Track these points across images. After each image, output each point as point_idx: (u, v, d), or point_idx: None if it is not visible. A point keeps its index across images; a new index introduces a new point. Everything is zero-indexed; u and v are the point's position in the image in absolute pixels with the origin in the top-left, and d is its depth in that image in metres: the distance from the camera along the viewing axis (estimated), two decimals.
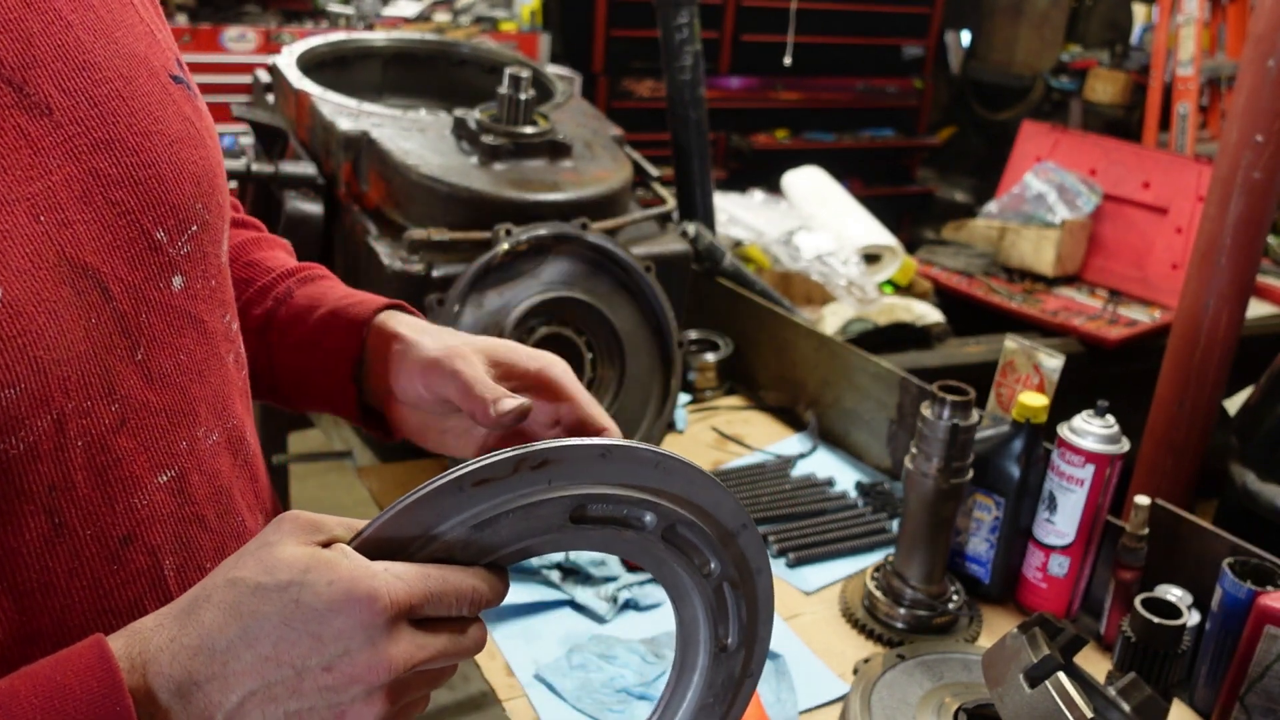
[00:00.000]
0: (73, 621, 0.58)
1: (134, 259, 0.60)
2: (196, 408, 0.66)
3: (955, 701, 1.02)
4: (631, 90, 5.00)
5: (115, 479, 0.60)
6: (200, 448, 0.67)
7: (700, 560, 0.66)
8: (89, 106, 0.58)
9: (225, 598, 0.54)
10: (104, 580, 0.60)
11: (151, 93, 0.63)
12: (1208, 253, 1.95)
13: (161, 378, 0.63)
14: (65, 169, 0.56)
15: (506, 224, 1.41)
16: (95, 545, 0.59)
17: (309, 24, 4.44)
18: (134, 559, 0.61)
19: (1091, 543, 1.26)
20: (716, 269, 1.93)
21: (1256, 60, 1.86)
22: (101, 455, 0.59)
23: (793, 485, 1.56)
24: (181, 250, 0.64)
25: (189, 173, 0.64)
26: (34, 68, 0.55)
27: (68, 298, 0.56)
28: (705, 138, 2.08)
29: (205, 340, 0.67)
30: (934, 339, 2.56)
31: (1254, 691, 1.07)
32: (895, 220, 3.62)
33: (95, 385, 0.58)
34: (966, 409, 1.20)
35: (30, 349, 0.53)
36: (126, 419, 0.60)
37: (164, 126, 0.63)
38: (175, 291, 0.64)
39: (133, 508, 0.61)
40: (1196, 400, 2.01)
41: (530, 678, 1.16)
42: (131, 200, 0.60)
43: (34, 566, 0.56)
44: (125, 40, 0.62)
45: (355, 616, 0.53)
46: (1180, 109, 3.52)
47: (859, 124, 5.76)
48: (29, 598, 0.56)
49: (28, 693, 0.50)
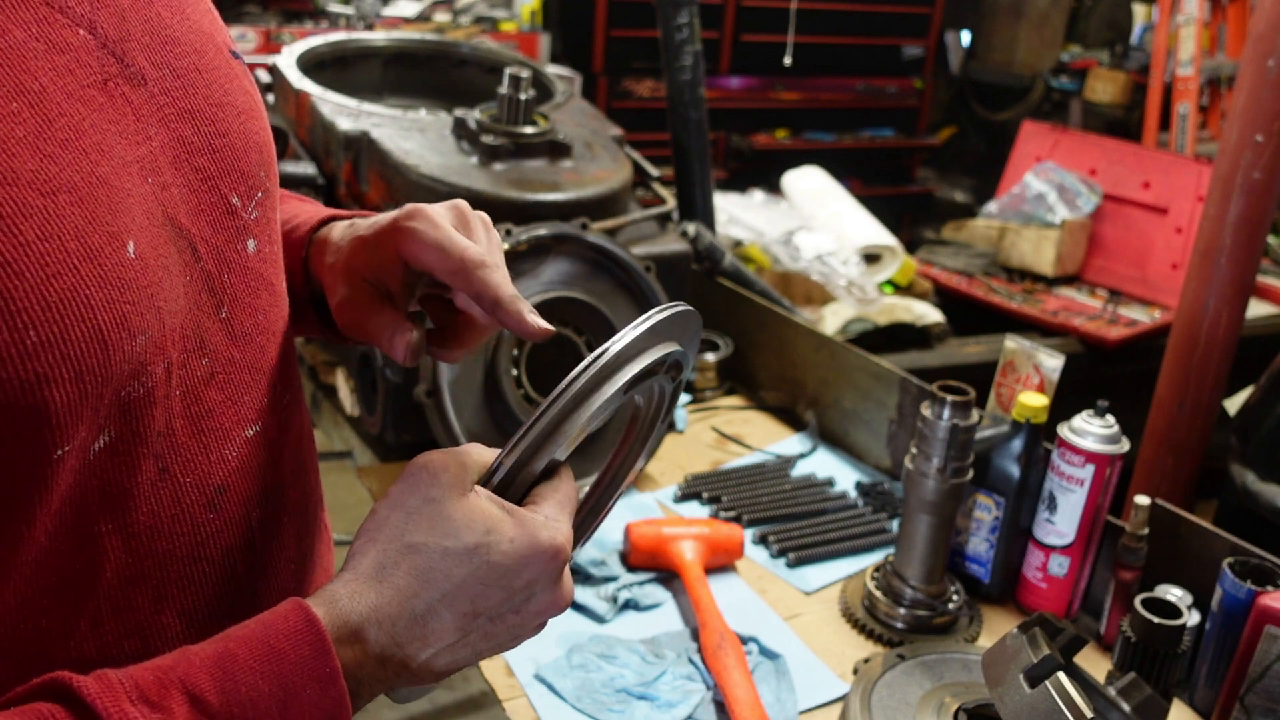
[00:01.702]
0: (172, 567, 0.62)
1: (215, 222, 0.64)
2: (274, 366, 0.70)
3: (955, 701, 1.02)
4: (631, 90, 5.00)
5: (208, 429, 0.63)
6: (279, 405, 0.71)
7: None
8: (174, 78, 0.62)
9: (415, 564, 0.60)
10: (203, 527, 0.63)
11: (219, 66, 0.66)
12: (1208, 253, 1.95)
13: (243, 335, 0.66)
14: (160, 135, 0.60)
15: (506, 224, 1.41)
16: (195, 492, 0.62)
17: (309, 24, 4.44)
18: (228, 508, 0.65)
19: (1091, 543, 1.26)
20: (716, 269, 1.93)
21: (1256, 60, 1.86)
22: (196, 405, 0.62)
23: (793, 485, 1.56)
24: (252, 215, 0.67)
25: (254, 142, 0.68)
26: (129, 40, 0.59)
27: (173, 254, 0.60)
28: (705, 138, 2.08)
29: (276, 302, 0.71)
30: (934, 339, 2.56)
31: (1254, 691, 1.07)
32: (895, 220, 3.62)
33: (190, 339, 0.61)
34: (966, 409, 1.20)
35: (155, 299, 0.56)
36: (215, 373, 0.64)
37: (232, 98, 0.67)
38: (250, 255, 0.67)
39: (225, 458, 0.64)
40: (1196, 400, 2.01)
41: (530, 678, 1.16)
42: (212, 167, 0.64)
43: (143, 509, 0.59)
44: (194, 17, 0.66)
45: (540, 567, 0.63)
46: (1180, 109, 3.52)
47: (859, 124, 5.76)
48: (137, 539, 0.59)
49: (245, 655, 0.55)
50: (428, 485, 0.63)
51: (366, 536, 0.63)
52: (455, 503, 0.62)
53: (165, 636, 0.62)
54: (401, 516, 0.62)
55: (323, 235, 0.81)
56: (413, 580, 0.60)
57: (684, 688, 1.14)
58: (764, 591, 1.33)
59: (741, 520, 1.46)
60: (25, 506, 0.52)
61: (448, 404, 1.37)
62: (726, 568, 1.36)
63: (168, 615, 0.62)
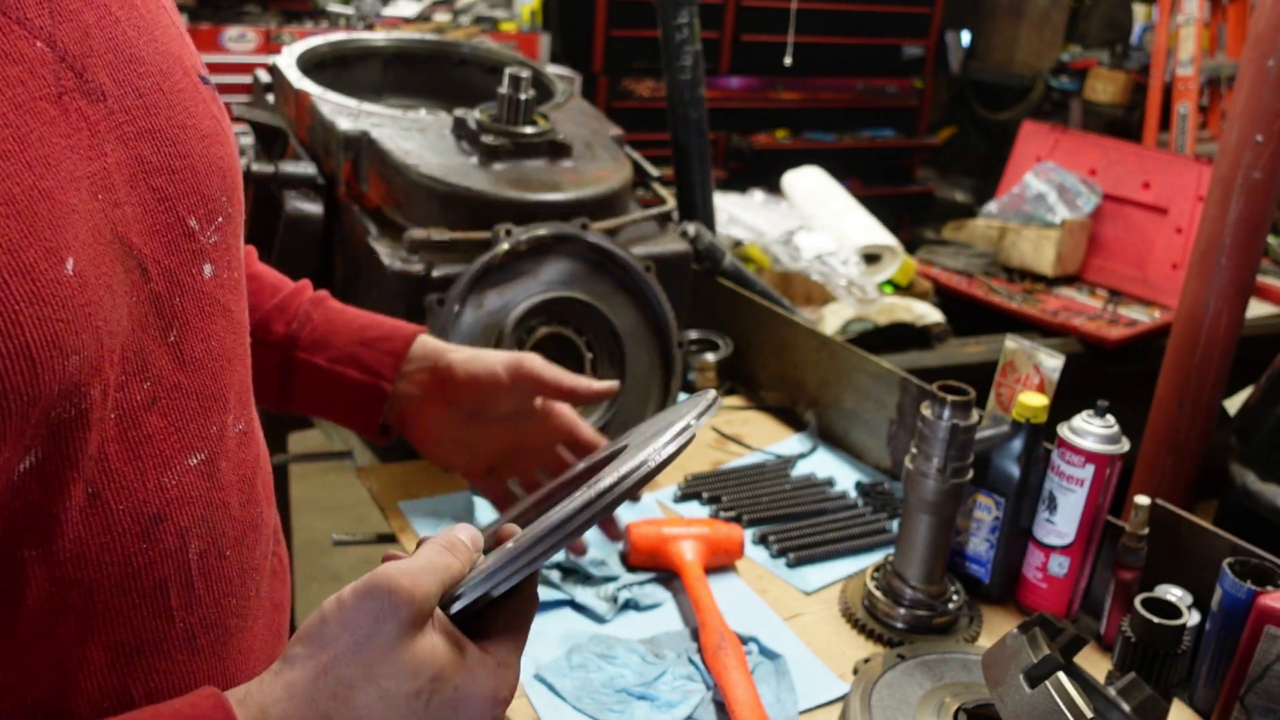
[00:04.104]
0: (99, 598, 0.60)
1: (171, 244, 0.63)
2: (226, 394, 0.69)
3: (955, 702, 1.02)
4: (631, 90, 5.00)
5: (146, 455, 0.62)
6: (228, 434, 0.69)
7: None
8: (135, 96, 0.61)
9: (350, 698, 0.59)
10: (134, 558, 0.61)
11: (185, 89, 0.66)
12: (1208, 253, 1.95)
13: (193, 361, 0.65)
14: (117, 153, 0.59)
15: (506, 224, 1.40)
16: (128, 520, 0.60)
17: (309, 24, 4.44)
18: (163, 539, 0.63)
19: (1091, 543, 1.26)
20: (716, 269, 1.93)
21: (1256, 60, 1.86)
22: (133, 430, 0.61)
23: (793, 485, 1.56)
24: (210, 239, 0.67)
25: (217, 167, 0.68)
26: (90, 56, 0.58)
27: (118, 275, 0.59)
28: (705, 138, 2.08)
29: (233, 329, 0.70)
30: (934, 339, 2.56)
31: (1254, 692, 1.07)
32: (895, 220, 3.62)
33: (132, 361, 0.60)
34: (966, 409, 1.20)
35: (93, 319, 0.55)
36: (158, 398, 0.62)
37: (196, 121, 0.66)
38: (206, 279, 0.66)
39: (163, 486, 0.63)
40: (1196, 400, 2.01)
41: (530, 678, 1.15)
42: (170, 188, 0.63)
43: (70, 535, 0.58)
44: (163, 39, 0.65)
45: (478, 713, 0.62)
46: (1180, 109, 3.52)
47: (859, 124, 5.76)
48: (61, 567, 0.58)
49: None
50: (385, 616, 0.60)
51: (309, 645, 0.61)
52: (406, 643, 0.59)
53: (88, 670, 0.61)
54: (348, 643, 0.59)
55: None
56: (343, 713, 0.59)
57: (684, 688, 1.14)
58: (764, 591, 1.33)
59: (741, 520, 1.46)
60: None
61: None
62: (726, 568, 1.36)
63: (92, 649, 0.61)
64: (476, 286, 1.40)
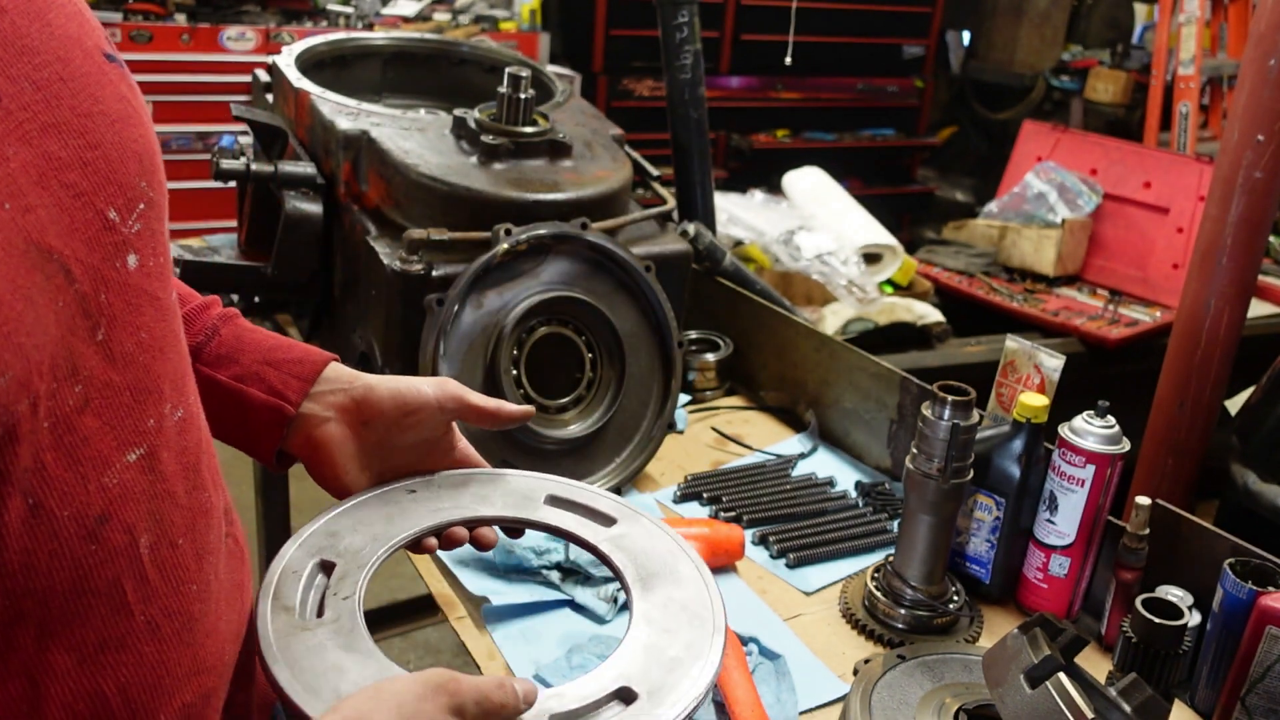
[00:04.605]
0: (54, 604, 0.59)
1: (91, 240, 0.60)
2: (160, 384, 0.67)
3: (956, 702, 1.02)
4: (631, 90, 5.00)
5: (85, 458, 0.60)
6: (167, 424, 0.68)
7: None
8: (33, 91, 0.58)
9: None
10: (83, 560, 0.60)
11: (89, 73, 0.62)
12: (1209, 252, 1.95)
13: (123, 356, 0.63)
14: (21, 155, 0.56)
15: (506, 224, 1.40)
16: (73, 525, 0.59)
17: (308, 23, 4.44)
18: (111, 537, 0.62)
19: (1092, 543, 1.26)
20: (716, 269, 1.93)
21: (1258, 60, 1.86)
22: (69, 435, 0.59)
23: (793, 485, 1.56)
24: (133, 229, 0.64)
25: (132, 151, 0.64)
26: None
27: (39, 283, 0.56)
28: (705, 137, 2.08)
29: (162, 317, 0.68)
30: (934, 339, 2.56)
31: (1255, 692, 1.07)
32: (895, 220, 3.62)
33: (61, 367, 0.58)
34: (967, 409, 1.19)
35: (14, 336, 0.53)
36: (90, 399, 0.60)
37: (104, 106, 0.63)
38: (131, 270, 0.64)
39: (104, 486, 0.61)
40: (1197, 400, 2.01)
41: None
42: (83, 182, 0.60)
43: (16, 548, 0.57)
44: (58, 21, 0.62)
45: None
46: (1181, 108, 3.52)
47: (859, 124, 5.76)
48: (12, 579, 0.57)
49: None
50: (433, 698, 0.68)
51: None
52: None
53: (55, 674, 0.60)
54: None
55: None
56: None
57: None
58: (764, 592, 1.33)
59: (741, 521, 1.46)
60: None
61: None
62: (726, 568, 1.36)
63: (55, 652, 0.60)
64: (476, 286, 1.40)
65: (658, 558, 0.90)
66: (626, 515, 0.95)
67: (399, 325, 1.41)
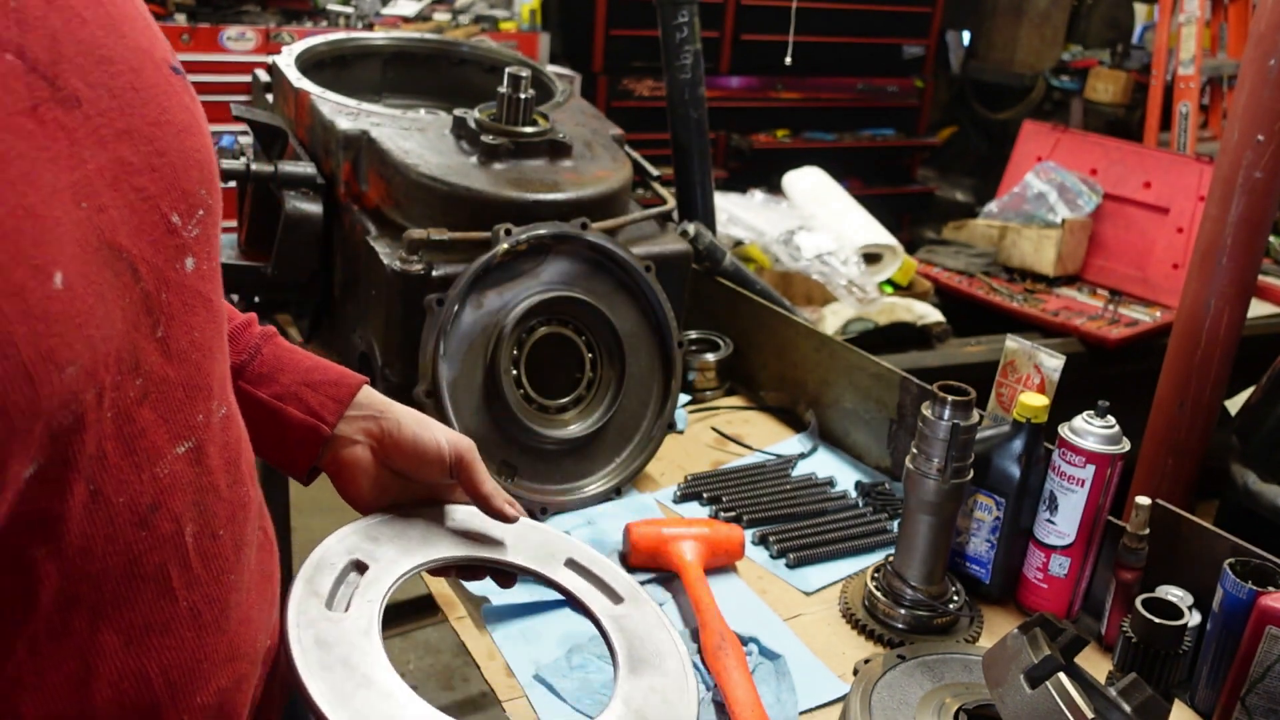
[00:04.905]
0: (106, 587, 0.63)
1: (155, 242, 0.64)
2: (210, 382, 0.71)
3: (956, 702, 1.02)
4: (631, 90, 5.00)
5: (140, 449, 0.64)
6: (213, 420, 0.72)
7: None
8: (110, 98, 0.61)
9: None
10: (134, 545, 0.64)
11: (157, 84, 0.66)
12: (1209, 252, 1.95)
13: (179, 354, 0.67)
14: (97, 158, 0.60)
15: (506, 224, 1.40)
16: (127, 512, 0.63)
17: (308, 23, 4.44)
18: (160, 525, 0.66)
19: (1092, 543, 1.26)
20: (716, 269, 1.93)
21: (1258, 60, 1.86)
22: (128, 426, 0.62)
23: (793, 485, 1.56)
24: (192, 233, 0.68)
25: (194, 160, 0.68)
26: (61, 63, 0.58)
27: (109, 279, 0.60)
28: (705, 137, 2.08)
29: (213, 319, 0.72)
30: (934, 339, 2.56)
31: (1255, 692, 1.07)
32: (895, 220, 3.62)
33: (125, 361, 0.62)
34: (967, 409, 1.19)
35: (85, 329, 0.56)
36: (149, 392, 0.64)
37: (170, 116, 0.66)
38: (189, 272, 0.68)
39: (156, 477, 0.65)
40: (1197, 400, 2.01)
41: (530, 678, 1.15)
42: (152, 186, 0.64)
43: (75, 533, 0.60)
44: (130, 34, 0.65)
45: None
46: (1181, 108, 3.52)
47: (859, 124, 5.76)
48: (70, 563, 0.60)
49: None
50: None
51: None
52: None
53: (104, 654, 0.64)
54: None
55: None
56: None
57: None
58: (764, 592, 1.33)
59: (741, 520, 1.46)
60: None
61: (447, 404, 1.36)
62: (726, 568, 1.36)
63: (105, 634, 0.64)
64: (476, 286, 1.40)
65: (651, 645, 0.96)
66: (635, 596, 1.02)
67: (399, 325, 1.41)
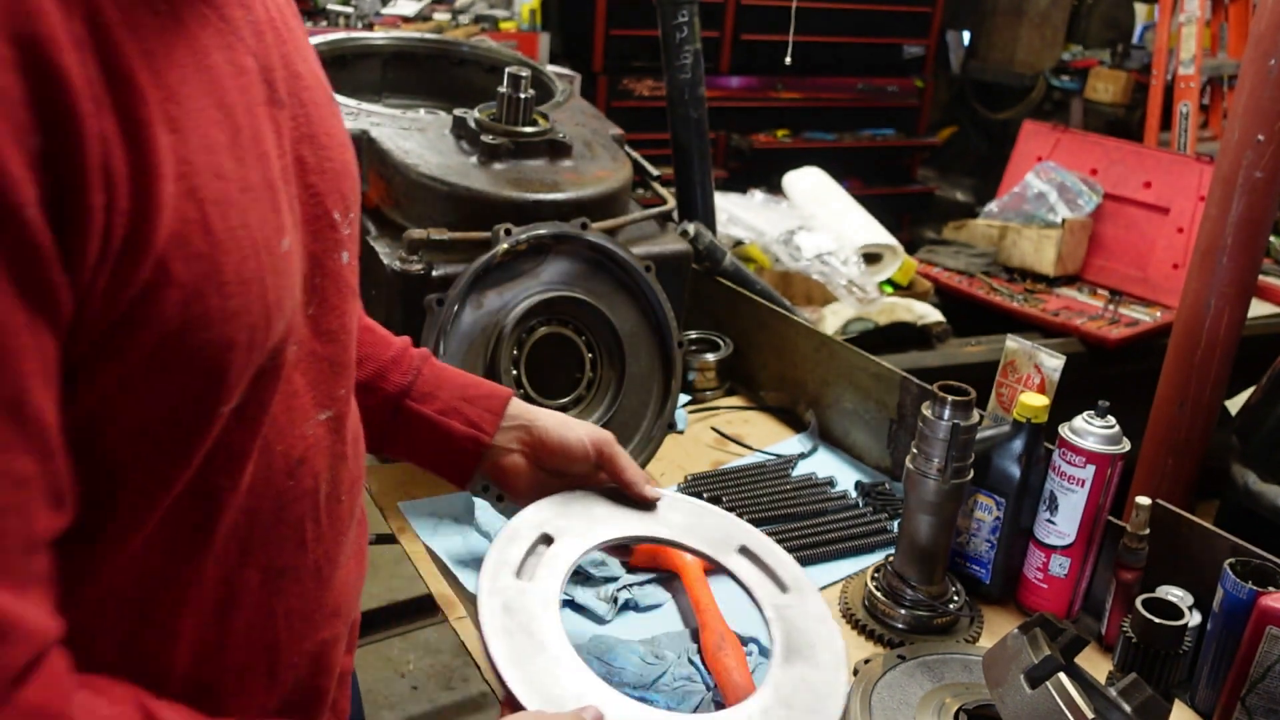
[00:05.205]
0: (257, 528, 0.71)
1: (318, 234, 0.74)
2: (350, 361, 0.80)
3: (956, 702, 1.02)
4: (631, 90, 5.00)
5: (295, 407, 0.72)
6: (350, 397, 0.81)
7: None
8: (299, 106, 0.72)
9: None
10: (284, 494, 0.72)
11: (326, 104, 0.78)
12: (1209, 252, 1.95)
13: (327, 333, 0.76)
14: (288, 154, 0.70)
15: (506, 224, 1.40)
16: (282, 460, 0.71)
17: (308, 23, 4.44)
18: (304, 479, 0.74)
19: (1092, 543, 1.25)
20: (716, 269, 1.93)
21: (1258, 60, 1.86)
22: (286, 385, 0.70)
23: (793, 485, 1.56)
24: (345, 231, 0.78)
25: (349, 170, 0.80)
26: (273, 70, 0.69)
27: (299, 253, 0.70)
28: (705, 137, 2.08)
29: (355, 307, 0.82)
30: (934, 339, 2.56)
31: (1255, 692, 1.07)
32: (895, 220, 3.62)
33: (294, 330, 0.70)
34: (967, 409, 1.19)
35: (292, 290, 0.68)
36: (300, 360, 0.73)
37: (333, 130, 0.77)
38: (343, 264, 0.78)
39: (304, 435, 0.74)
40: (1197, 400, 2.01)
41: None
42: (321, 185, 0.74)
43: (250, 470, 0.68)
44: (310, 59, 0.77)
45: None
46: (1181, 108, 3.52)
47: (859, 124, 5.75)
48: (242, 498, 0.68)
49: None
50: None
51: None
52: None
53: (246, 589, 0.71)
54: None
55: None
56: None
57: (684, 688, 1.13)
58: None
59: None
60: (186, 455, 0.61)
61: None
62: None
63: (250, 570, 0.71)
64: (476, 286, 1.40)
65: (810, 637, 1.00)
66: (802, 587, 1.07)
67: (399, 325, 1.41)
